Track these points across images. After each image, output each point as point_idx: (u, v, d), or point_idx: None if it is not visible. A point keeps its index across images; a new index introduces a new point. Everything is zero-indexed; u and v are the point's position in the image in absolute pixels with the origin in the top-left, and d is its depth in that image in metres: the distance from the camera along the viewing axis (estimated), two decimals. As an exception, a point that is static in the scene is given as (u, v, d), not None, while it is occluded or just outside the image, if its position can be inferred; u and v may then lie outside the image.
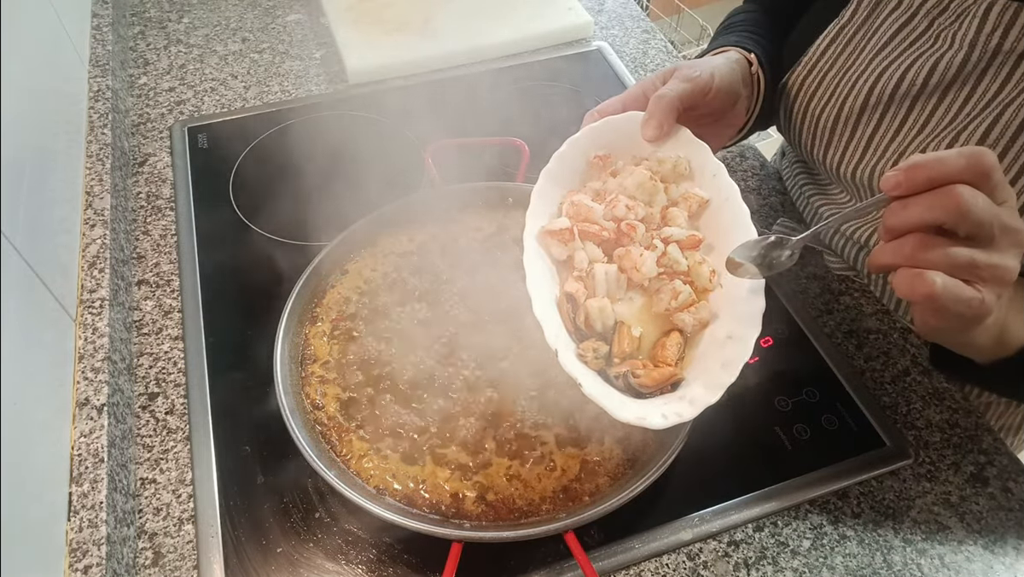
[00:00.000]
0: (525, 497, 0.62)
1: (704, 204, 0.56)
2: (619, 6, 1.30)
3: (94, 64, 1.02)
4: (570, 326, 0.52)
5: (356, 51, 1.11)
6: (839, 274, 0.85)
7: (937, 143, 0.64)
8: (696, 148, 0.57)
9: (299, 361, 0.71)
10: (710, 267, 0.54)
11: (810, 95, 0.73)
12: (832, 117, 0.72)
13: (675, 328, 0.54)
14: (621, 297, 0.53)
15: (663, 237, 0.54)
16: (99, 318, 0.73)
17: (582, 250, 0.54)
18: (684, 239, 0.54)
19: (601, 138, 0.59)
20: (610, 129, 0.59)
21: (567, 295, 0.53)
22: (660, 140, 0.58)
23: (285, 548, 0.63)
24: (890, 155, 0.68)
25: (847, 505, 0.68)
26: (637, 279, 0.53)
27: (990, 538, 0.66)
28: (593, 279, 0.53)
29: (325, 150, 0.96)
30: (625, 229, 0.54)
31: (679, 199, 0.57)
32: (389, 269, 0.79)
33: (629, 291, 0.54)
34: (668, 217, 0.56)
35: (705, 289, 0.54)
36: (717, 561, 0.64)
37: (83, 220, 0.82)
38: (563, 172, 0.58)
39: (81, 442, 0.64)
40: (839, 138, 0.72)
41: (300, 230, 0.86)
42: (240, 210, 0.90)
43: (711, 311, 0.53)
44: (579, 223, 0.54)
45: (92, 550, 0.58)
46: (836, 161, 0.73)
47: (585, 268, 0.53)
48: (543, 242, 0.55)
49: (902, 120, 0.67)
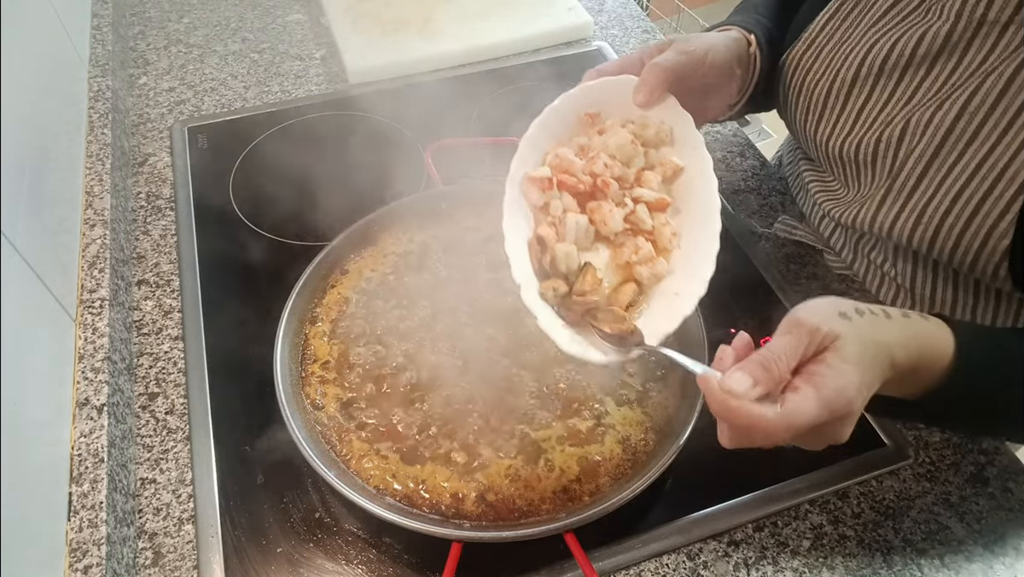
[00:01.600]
0: (525, 497, 0.62)
1: (679, 171, 0.60)
2: (619, 6, 1.30)
3: (94, 64, 1.02)
4: (536, 266, 0.56)
5: (356, 51, 1.11)
6: (839, 273, 0.86)
7: (923, 113, 0.64)
8: (681, 118, 0.60)
9: (299, 361, 0.71)
10: (673, 229, 0.58)
11: (806, 70, 0.74)
12: (825, 90, 0.72)
13: (632, 279, 0.57)
14: (588, 247, 0.57)
15: (634, 196, 0.58)
16: (99, 318, 0.73)
17: (558, 199, 0.57)
18: (653, 201, 0.58)
19: (594, 97, 0.62)
20: (604, 89, 0.62)
21: (538, 237, 0.57)
22: (649, 106, 0.61)
23: (285, 548, 0.63)
24: (878, 126, 0.68)
25: (847, 505, 0.68)
26: (604, 232, 0.57)
27: (990, 538, 0.66)
28: (564, 226, 0.56)
29: (325, 150, 0.96)
30: (600, 185, 0.57)
31: (656, 163, 0.60)
32: (389, 269, 0.79)
33: (596, 242, 0.58)
34: (642, 179, 0.59)
35: (665, 248, 0.58)
36: (717, 561, 0.64)
37: (83, 220, 0.82)
38: (554, 125, 0.61)
39: (81, 442, 0.64)
40: (830, 111, 0.72)
41: (300, 230, 0.86)
42: (240, 210, 0.90)
43: (667, 268, 0.57)
44: (559, 174, 0.58)
45: (92, 550, 0.58)
46: (826, 135, 0.73)
47: (559, 215, 0.57)
48: (524, 187, 0.58)
49: (891, 91, 0.68)
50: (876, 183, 0.69)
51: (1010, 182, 0.58)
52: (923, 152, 0.64)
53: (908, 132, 0.65)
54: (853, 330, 0.47)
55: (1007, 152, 0.59)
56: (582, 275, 0.56)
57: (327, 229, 0.81)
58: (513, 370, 0.69)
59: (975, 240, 0.61)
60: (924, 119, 0.64)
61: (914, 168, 0.65)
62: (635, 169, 0.59)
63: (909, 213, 0.65)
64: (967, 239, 0.61)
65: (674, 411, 0.68)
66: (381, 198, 0.82)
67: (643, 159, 0.60)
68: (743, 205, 0.94)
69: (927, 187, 0.64)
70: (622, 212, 0.57)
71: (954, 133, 0.62)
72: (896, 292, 0.79)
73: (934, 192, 0.63)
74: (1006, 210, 0.58)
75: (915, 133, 0.65)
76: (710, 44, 0.67)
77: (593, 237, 0.57)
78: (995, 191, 0.59)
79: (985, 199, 0.60)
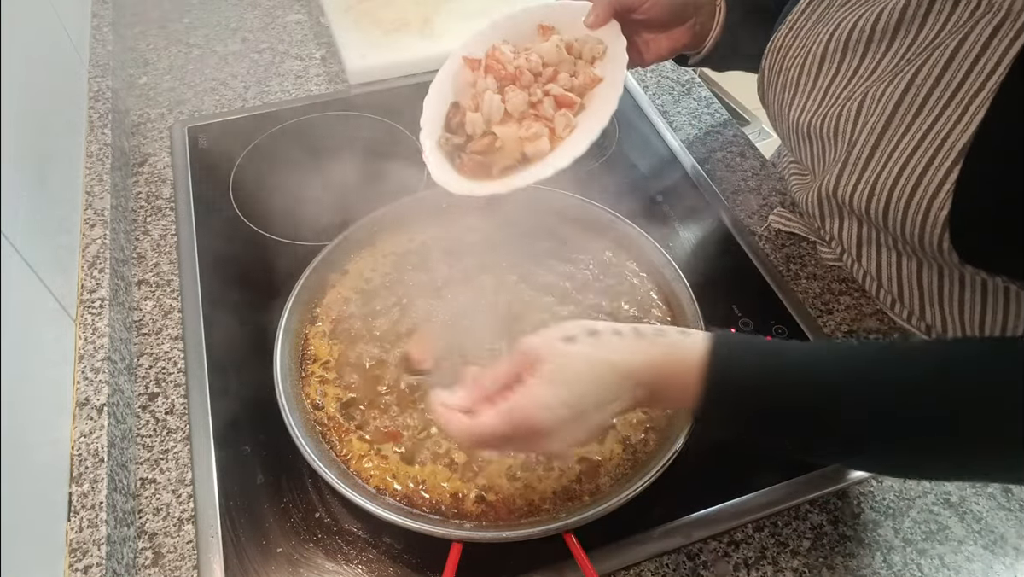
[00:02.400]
0: (525, 497, 0.62)
1: (597, 80, 0.71)
2: (619, 6, 1.30)
3: (94, 64, 1.02)
4: (445, 123, 0.71)
5: (356, 51, 1.11)
6: (830, 264, 0.86)
7: (878, 87, 0.66)
8: (617, 41, 0.71)
9: (299, 361, 0.71)
10: (570, 123, 0.68)
11: (786, 51, 0.76)
12: (798, 68, 0.74)
13: (522, 151, 0.68)
14: (496, 120, 0.69)
15: (545, 89, 0.70)
16: (99, 318, 0.73)
17: (483, 79, 0.71)
18: (560, 95, 0.69)
19: (552, 14, 0.75)
20: (562, 10, 0.75)
21: (455, 104, 0.72)
22: (594, 28, 0.73)
23: (285, 548, 0.63)
24: (841, 101, 0.69)
25: (847, 505, 0.68)
26: (509, 109, 0.69)
27: (990, 538, 0.66)
28: (481, 99, 0.69)
29: (325, 150, 0.96)
30: (517, 73, 0.70)
31: (580, 72, 0.71)
32: (389, 269, 0.79)
33: (506, 121, 0.69)
34: (557, 79, 0.71)
35: (559, 137, 0.69)
36: (717, 561, 0.64)
37: (83, 220, 0.82)
38: (508, 30, 0.74)
39: (81, 442, 0.64)
40: (802, 88, 0.74)
41: (300, 230, 0.86)
42: (240, 210, 0.90)
43: (547, 147, 0.68)
44: (490, 60, 0.71)
45: (92, 550, 0.58)
46: (797, 112, 0.75)
47: (480, 91, 0.70)
48: (461, 65, 0.73)
49: (856, 67, 0.69)
50: (835, 157, 0.71)
51: (948, 152, 0.59)
52: (875, 124, 0.65)
53: (864, 106, 0.67)
54: (568, 352, 0.50)
55: (948, 123, 0.59)
56: (483, 137, 0.68)
57: (327, 229, 0.81)
58: (513, 370, 0.69)
59: (919, 211, 0.62)
60: (879, 93, 0.65)
61: (867, 140, 0.66)
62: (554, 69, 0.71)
63: (864, 184, 0.66)
64: (912, 209, 0.62)
65: (674, 411, 0.67)
66: (381, 198, 0.82)
67: (571, 66, 0.71)
68: (743, 205, 0.94)
69: (879, 159, 0.65)
70: (527, 96, 0.69)
71: (902, 106, 0.63)
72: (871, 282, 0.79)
73: (884, 163, 0.64)
74: (944, 180, 0.59)
75: (871, 107, 0.66)
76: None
77: (502, 115, 0.69)
78: (935, 161, 0.60)
79: (927, 170, 0.61)
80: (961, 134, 0.58)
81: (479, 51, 0.73)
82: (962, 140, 0.58)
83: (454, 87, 0.73)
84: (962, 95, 0.59)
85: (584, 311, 0.75)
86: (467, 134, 0.69)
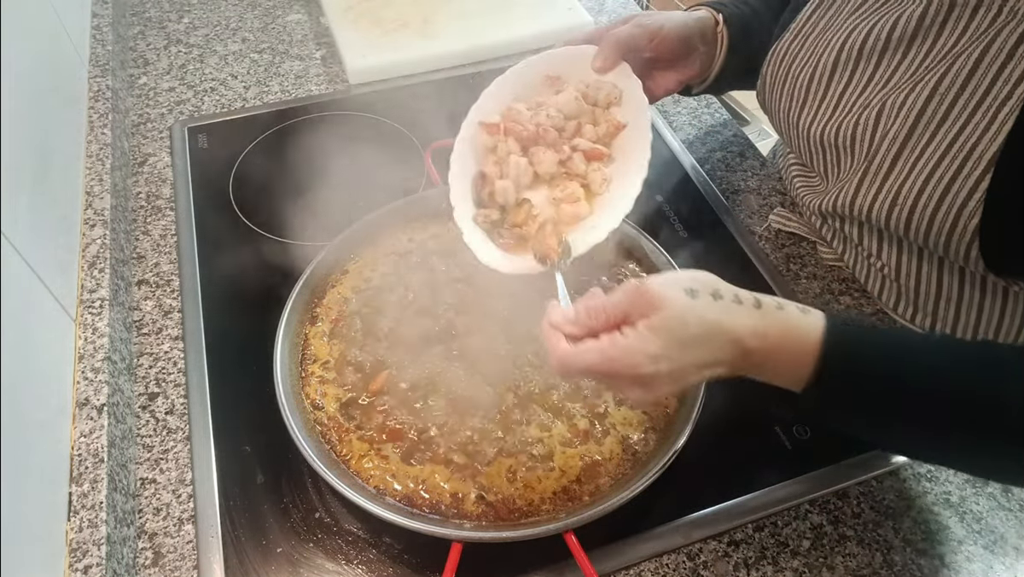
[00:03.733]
0: (525, 497, 0.62)
1: (621, 127, 0.67)
2: (619, 6, 1.30)
3: (94, 64, 1.02)
4: (475, 197, 0.66)
5: (356, 51, 1.11)
6: (830, 264, 0.86)
7: (897, 95, 0.65)
8: (631, 83, 0.68)
9: (299, 361, 0.71)
10: (604, 176, 0.66)
11: (792, 58, 0.75)
12: (807, 77, 0.73)
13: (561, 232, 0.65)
14: (527, 186, 0.66)
15: (572, 145, 0.66)
16: (99, 318, 0.73)
17: (504, 143, 0.66)
18: (589, 149, 0.66)
19: (556, 62, 0.71)
20: (566, 56, 0.70)
21: (482, 173, 0.67)
22: (604, 71, 0.69)
23: (285, 548, 0.63)
24: (856, 110, 0.69)
25: (847, 505, 0.68)
26: (540, 171, 0.66)
27: (990, 538, 0.66)
28: (507, 165, 0.65)
29: (325, 150, 0.96)
30: (541, 132, 0.66)
31: (601, 120, 0.68)
32: (389, 269, 0.79)
33: (539, 184, 0.66)
34: (582, 131, 0.67)
35: (596, 192, 0.66)
36: (717, 561, 0.64)
37: (83, 220, 0.82)
38: (514, 84, 0.70)
39: (81, 442, 0.64)
40: (812, 96, 0.73)
41: (300, 230, 0.86)
42: (240, 210, 0.90)
43: (589, 209, 0.65)
44: (508, 122, 0.67)
45: (92, 550, 0.58)
46: (808, 121, 0.74)
47: (503, 156, 0.66)
48: (478, 131, 0.68)
49: (870, 75, 0.69)
50: (854, 167, 0.70)
51: (978, 161, 0.59)
52: (897, 134, 0.65)
53: (883, 115, 0.66)
54: (687, 307, 0.49)
55: (975, 132, 0.59)
56: (517, 207, 0.65)
57: (327, 229, 0.81)
58: (513, 370, 0.69)
59: (947, 220, 0.61)
60: (899, 101, 0.65)
61: (888, 150, 0.65)
62: (577, 122, 0.68)
63: (886, 195, 0.66)
64: (939, 219, 0.62)
65: (674, 411, 0.68)
66: (381, 198, 0.82)
67: (591, 116, 0.68)
68: (743, 205, 0.94)
69: (901, 168, 0.64)
70: (556, 156, 0.65)
71: (926, 115, 0.63)
72: (883, 283, 0.79)
73: (907, 173, 0.64)
74: (974, 189, 0.59)
75: (890, 116, 0.66)
76: (667, 19, 0.73)
77: (531, 177, 0.66)
78: (964, 170, 0.60)
79: (955, 179, 0.60)
80: (991, 143, 0.58)
81: (493, 114, 0.68)
82: (992, 149, 0.58)
83: (474, 156, 0.68)
84: (989, 103, 0.59)
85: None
86: (499, 204, 0.65)
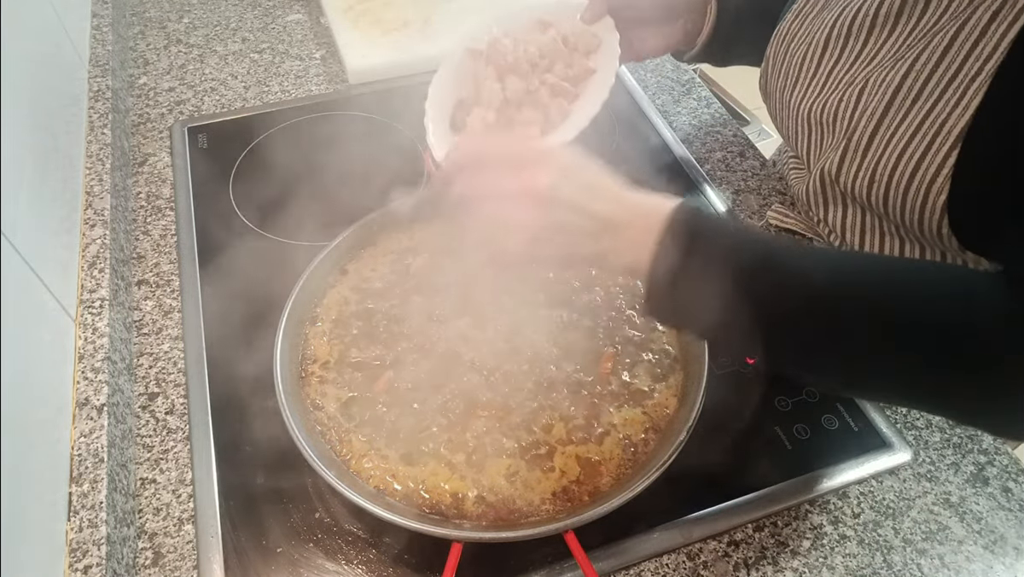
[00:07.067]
0: (525, 497, 0.62)
1: (591, 71, 0.76)
2: (619, 6, 1.30)
3: (94, 64, 1.02)
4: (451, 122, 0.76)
5: (356, 51, 1.11)
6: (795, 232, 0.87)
7: (880, 72, 0.66)
8: (611, 35, 0.77)
9: (299, 361, 0.71)
10: (563, 111, 0.74)
11: (791, 38, 0.76)
12: (801, 54, 0.74)
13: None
14: (495, 108, 0.74)
15: (542, 79, 0.75)
16: (99, 318, 0.73)
17: (484, 69, 0.76)
18: (555, 84, 0.75)
19: (551, 10, 0.81)
20: (560, 7, 0.80)
21: (460, 102, 0.77)
22: (589, 22, 0.78)
23: (285, 548, 0.63)
24: (843, 87, 0.69)
25: (847, 505, 0.68)
26: (507, 96, 0.74)
27: (990, 538, 0.66)
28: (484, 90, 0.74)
29: (325, 150, 0.96)
30: (514, 63, 0.75)
31: (576, 63, 0.77)
32: (389, 269, 0.79)
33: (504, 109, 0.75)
34: (553, 69, 0.76)
35: (553, 123, 0.74)
36: (717, 561, 0.64)
37: (83, 220, 0.82)
38: (509, 24, 0.80)
39: (81, 442, 0.64)
40: (804, 74, 0.74)
41: (300, 230, 0.86)
42: (240, 210, 0.90)
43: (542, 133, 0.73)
44: (491, 51, 0.76)
45: (92, 550, 0.58)
46: (799, 99, 0.75)
47: (481, 81, 0.75)
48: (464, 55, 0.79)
49: (857, 52, 0.69)
50: (833, 144, 0.71)
51: (946, 137, 0.59)
52: (875, 110, 0.65)
53: (865, 91, 0.67)
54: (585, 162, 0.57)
55: (946, 108, 0.60)
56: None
57: (327, 229, 0.81)
58: (513, 370, 0.69)
59: (918, 196, 0.62)
60: (880, 79, 0.65)
61: (867, 126, 0.66)
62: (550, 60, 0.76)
63: (865, 170, 0.66)
64: (911, 195, 0.62)
65: (674, 411, 0.68)
66: (381, 198, 0.82)
67: (567, 58, 0.77)
68: (743, 205, 0.94)
69: (878, 144, 0.65)
70: (524, 84, 0.74)
71: (901, 91, 0.63)
72: None
73: (884, 149, 0.64)
74: (942, 164, 0.59)
75: (871, 93, 0.66)
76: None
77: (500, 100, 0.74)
78: (933, 146, 0.60)
79: (925, 155, 0.61)
80: (959, 119, 0.58)
81: (481, 43, 0.77)
82: (960, 124, 0.58)
83: (456, 81, 0.78)
84: (960, 80, 0.59)
85: (583, 311, 0.75)
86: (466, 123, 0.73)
